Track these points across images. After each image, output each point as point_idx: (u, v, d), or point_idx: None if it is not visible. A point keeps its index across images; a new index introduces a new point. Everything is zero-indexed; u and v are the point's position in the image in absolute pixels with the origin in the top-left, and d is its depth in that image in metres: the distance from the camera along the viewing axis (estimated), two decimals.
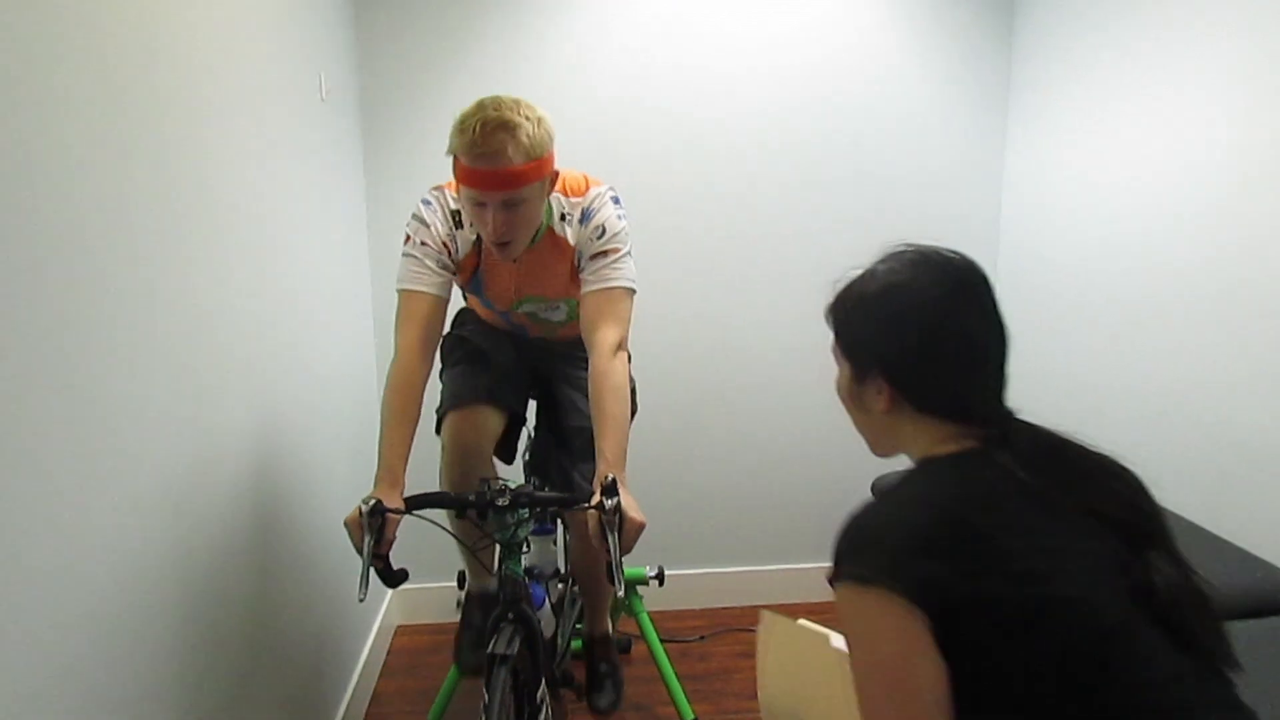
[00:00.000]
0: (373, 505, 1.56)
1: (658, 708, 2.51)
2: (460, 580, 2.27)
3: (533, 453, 2.26)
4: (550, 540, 2.27)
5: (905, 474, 1.12)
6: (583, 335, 1.82)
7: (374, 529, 1.55)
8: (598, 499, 1.57)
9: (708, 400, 3.03)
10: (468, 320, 2.21)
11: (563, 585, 2.42)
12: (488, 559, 1.89)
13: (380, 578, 1.63)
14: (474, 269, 1.92)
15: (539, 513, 1.80)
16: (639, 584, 2.51)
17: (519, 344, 2.14)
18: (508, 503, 1.66)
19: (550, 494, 1.72)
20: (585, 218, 1.83)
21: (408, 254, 1.82)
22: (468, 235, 1.85)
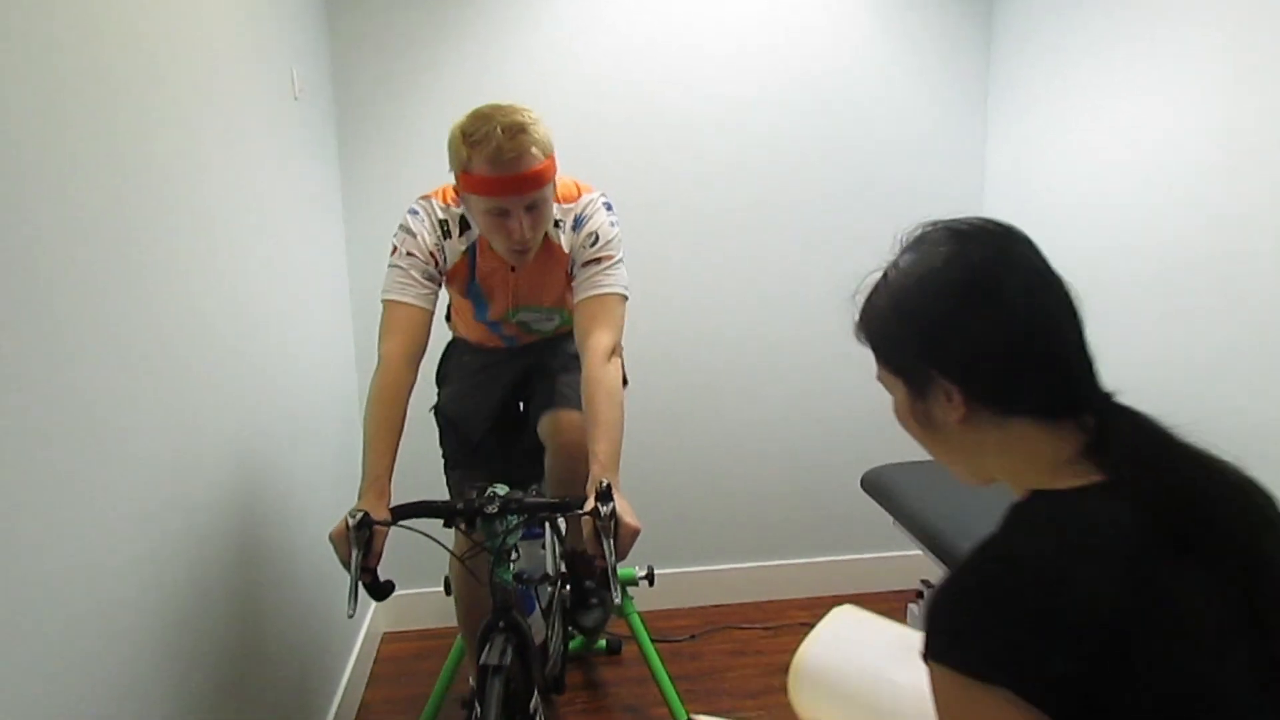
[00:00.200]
0: (360, 518, 1.52)
1: (650, 709, 2.48)
2: (447, 586, 2.23)
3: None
4: (539, 544, 2.24)
5: (1014, 520, 0.90)
6: (576, 341, 1.81)
7: (361, 542, 1.52)
8: (592, 504, 1.54)
9: (694, 397, 3.01)
10: (449, 373, 2.21)
11: (552, 589, 2.39)
12: (478, 566, 1.85)
13: (368, 591, 1.59)
14: (467, 278, 1.89)
15: (528, 519, 1.77)
16: (629, 585, 2.48)
17: (506, 361, 2.13)
18: (497, 510, 1.62)
19: (541, 500, 1.69)
20: (578, 224, 1.83)
21: (394, 265, 1.81)
22: (456, 245, 1.84)
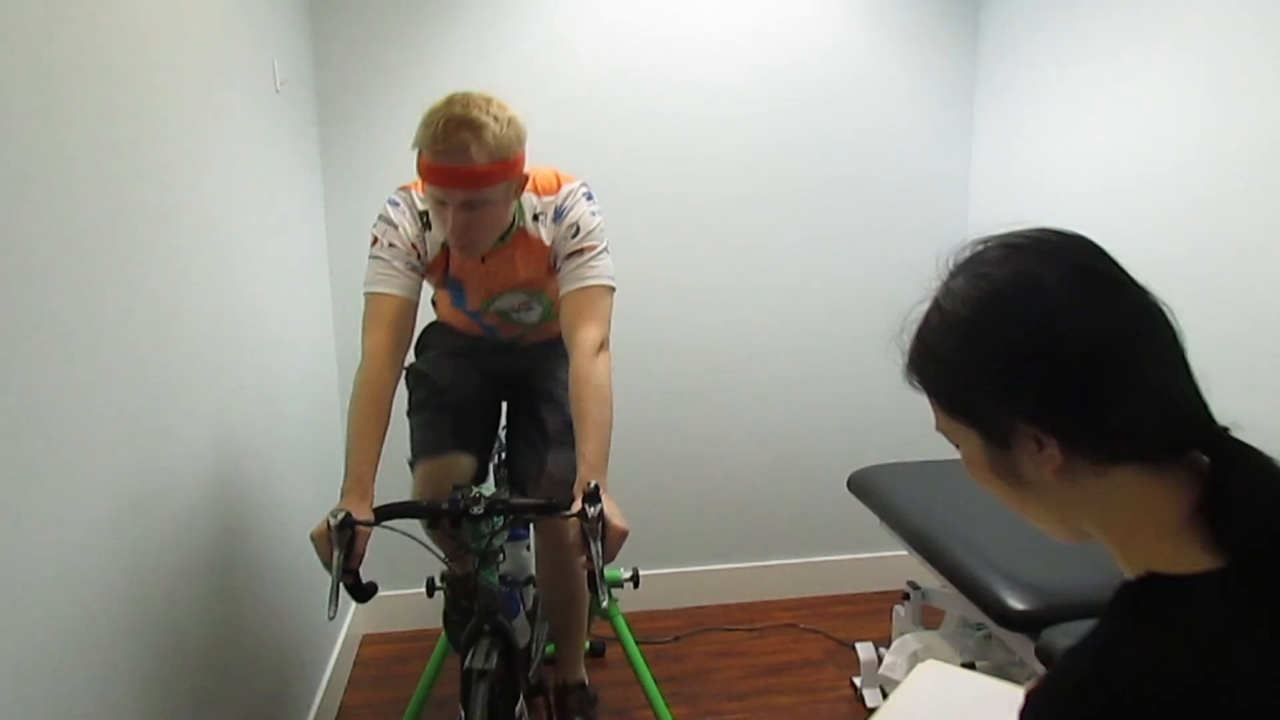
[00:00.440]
0: (342, 518, 1.48)
1: (635, 712, 2.46)
2: (429, 588, 2.20)
3: (506, 451, 2.19)
4: (523, 545, 2.21)
5: (1132, 620, 0.74)
6: (563, 336, 1.77)
7: (343, 543, 1.48)
8: (579, 506, 1.51)
9: (679, 397, 2.98)
10: (431, 342, 2.15)
11: (536, 590, 2.36)
12: (463, 569, 1.82)
13: (350, 593, 1.56)
14: (445, 269, 1.86)
15: (513, 520, 1.74)
16: (614, 586, 2.46)
17: (487, 353, 2.08)
18: (482, 511, 1.59)
19: (527, 501, 1.66)
20: (559, 216, 1.78)
21: (375, 256, 1.77)
22: (436, 237, 1.80)
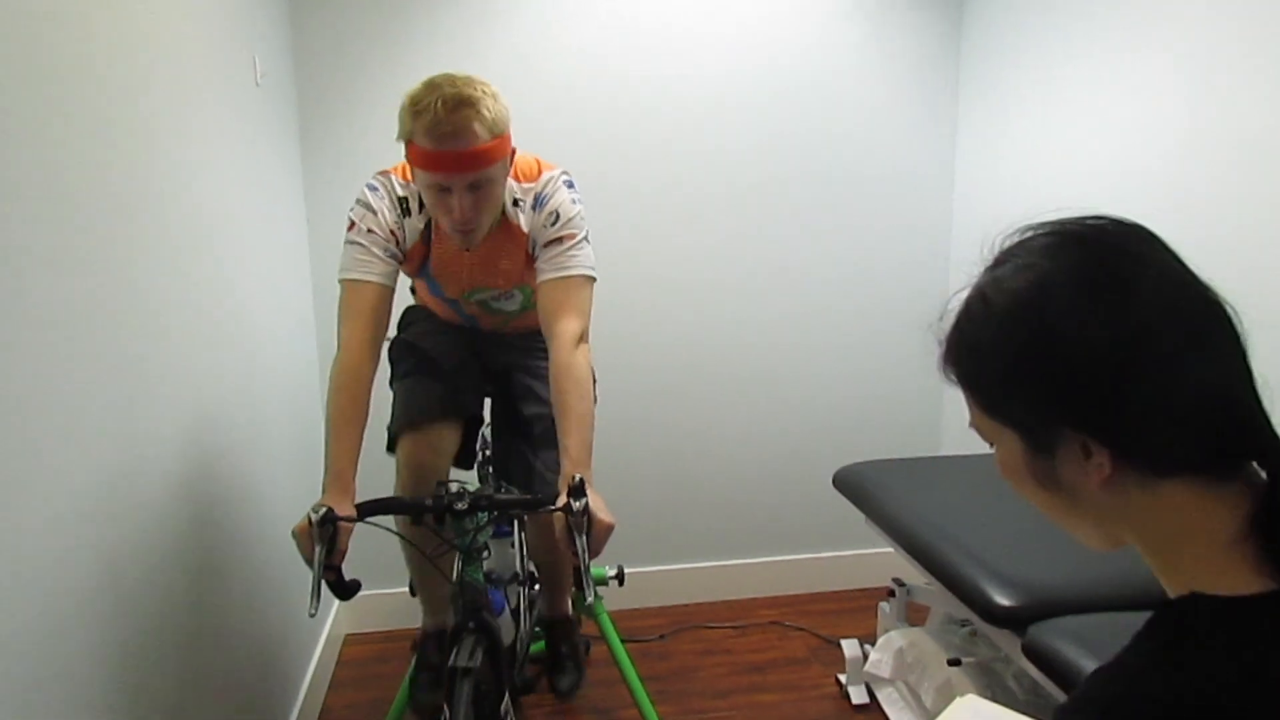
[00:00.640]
0: (323, 514, 1.46)
1: (620, 711, 2.44)
2: (412, 588, 2.18)
3: (491, 448, 2.17)
4: (508, 543, 2.19)
5: (1171, 641, 0.70)
6: (541, 326, 1.74)
7: (325, 539, 1.46)
8: (564, 500, 1.49)
9: (662, 395, 2.97)
10: (415, 319, 2.12)
11: (521, 588, 2.34)
12: (446, 566, 1.80)
13: (332, 590, 1.54)
14: (423, 258, 1.82)
15: (498, 516, 1.72)
16: (599, 584, 2.44)
17: (470, 338, 2.05)
18: (467, 507, 1.57)
19: (512, 496, 1.64)
20: (539, 203, 1.75)
21: (352, 241, 1.71)
22: (415, 223, 1.75)
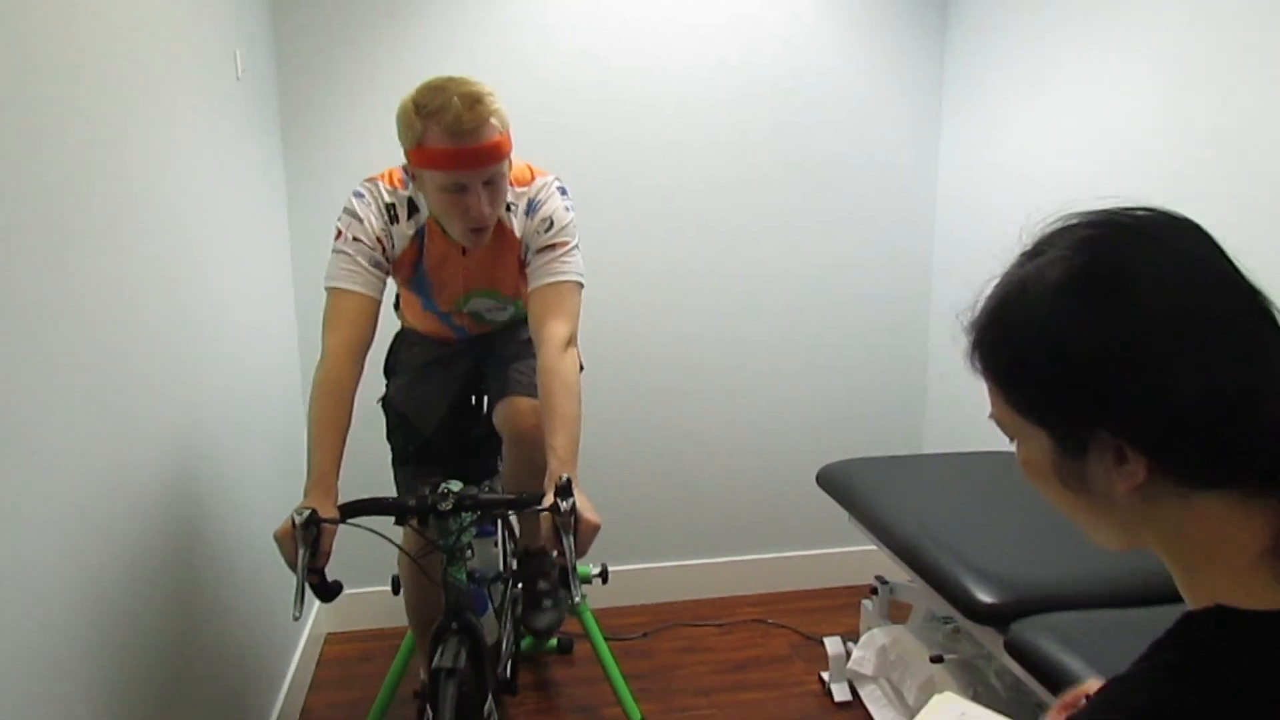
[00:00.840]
0: (307, 516, 1.45)
1: (603, 709, 2.44)
2: (395, 585, 2.17)
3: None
4: (491, 542, 2.18)
5: (1194, 656, 0.68)
6: (531, 331, 1.75)
7: (308, 541, 1.45)
8: (551, 500, 1.49)
9: (647, 392, 2.97)
10: (397, 363, 2.15)
11: (504, 587, 2.33)
12: (432, 566, 1.79)
13: (315, 592, 1.53)
14: (414, 266, 1.82)
15: (482, 516, 1.72)
16: (583, 583, 2.43)
17: (459, 355, 2.07)
18: (451, 507, 1.56)
19: (497, 496, 1.64)
20: (531, 209, 1.76)
21: (338, 250, 1.72)
22: (404, 230, 1.76)
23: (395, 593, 2.15)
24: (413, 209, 1.76)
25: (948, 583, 1.79)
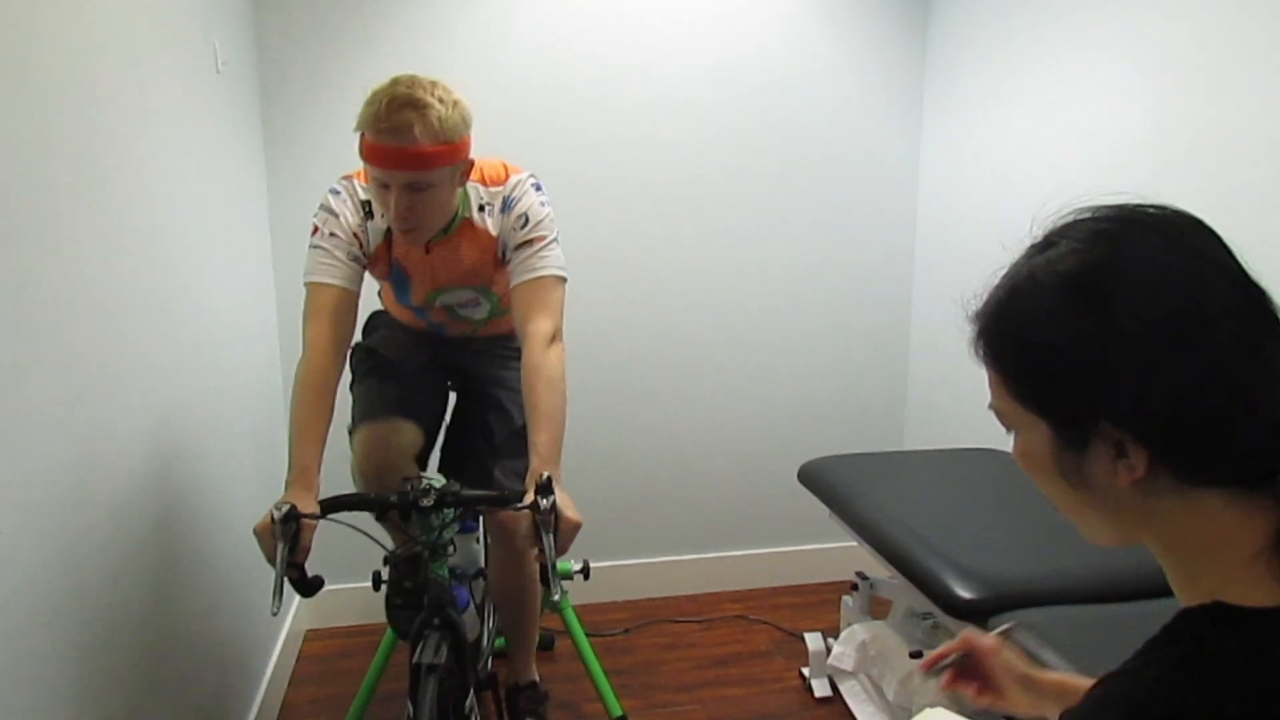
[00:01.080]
0: (286, 511, 1.44)
1: (584, 705, 2.44)
2: (375, 582, 2.16)
3: (445, 448, 2.11)
4: (473, 538, 2.18)
5: (1190, 652, 0.68)
6: (515, 327, 1.75)
7: (287, 536, 1.44)
8: (532, 498, 1.48)
9: (628, 390, 2.97)
10: (378, 326, 2.12)
11: (485, 583, 2.33)
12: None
13: (295, 587, 1.52)
14: (388, 261, 1.82)
15: (464, 512, 1.71)
16: (564, 579, 2.44)
17: (435, 344, 2.04)
18: (433, 503, 1.56)
19: (480, 493, 1.63)
20: (507, 207, 1.77)
21: (316, 245, 1.73)
22: (379, 225, 1.77)
23: (376, 589, 2.13)
24: None
25: (927, 578, 1.80)
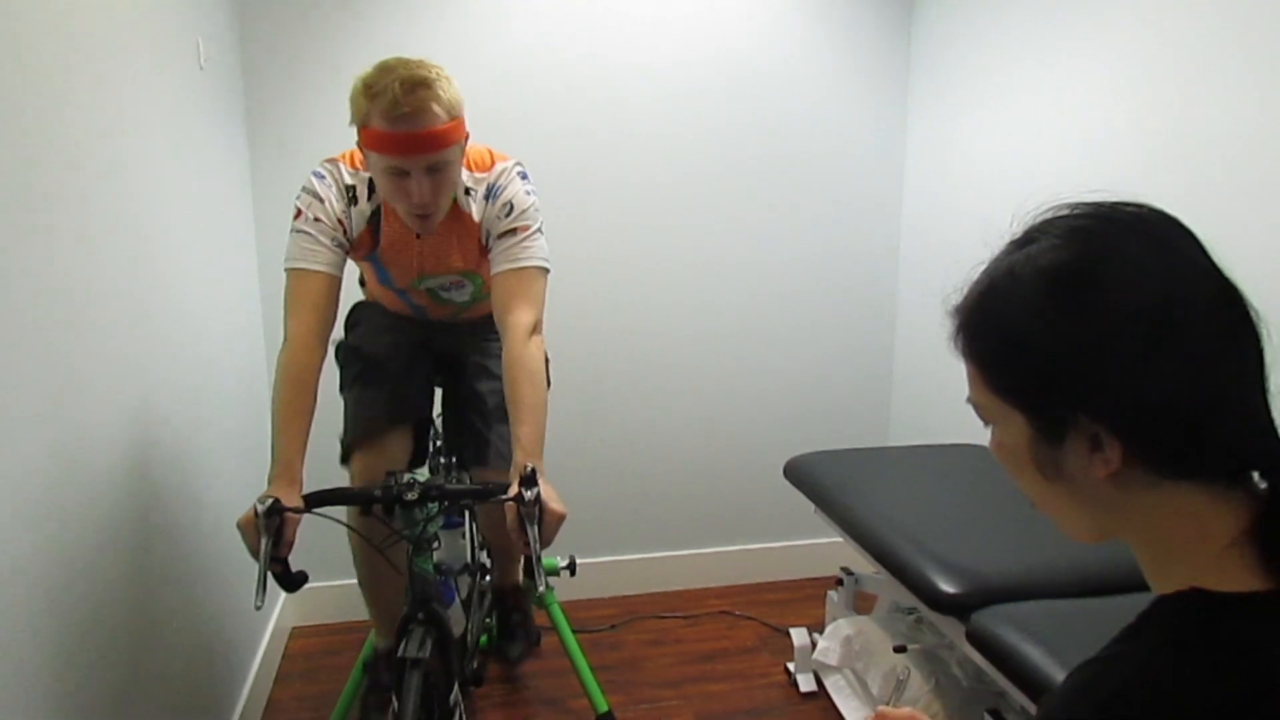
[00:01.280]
0: (270, 505, 1.43)
1: (570, 701, 2.44)
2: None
3: (445, 425, 2.15)
4: (459, 533, 2.17)
5: (1167, 637, 0.69)
6: (495, 318, 1.74)
7: (271, 530, 1.43)
8: (516, 490, 1.48)
9: (615, 385, 2.97)
10: (361, 318, 2.10)
11: (472, 579, 2.33)
12: (397, 558, 1.78)
13: (279, 582, 1.52)
14: (370, 246, 1.80)
15: (448, 506, 1.71)
16: (551, 575, 2.44)
17: (418, 328, 2.03)
18: (417, 497, 1.56)
19: (462, 487, 1.63)
20: (492, 194, 1.74)
21: (299, 230, 1.69)
22: (363, 210, 1.74)
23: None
24: (372, 189, 1.74)
25: (911, 573, 1.81)
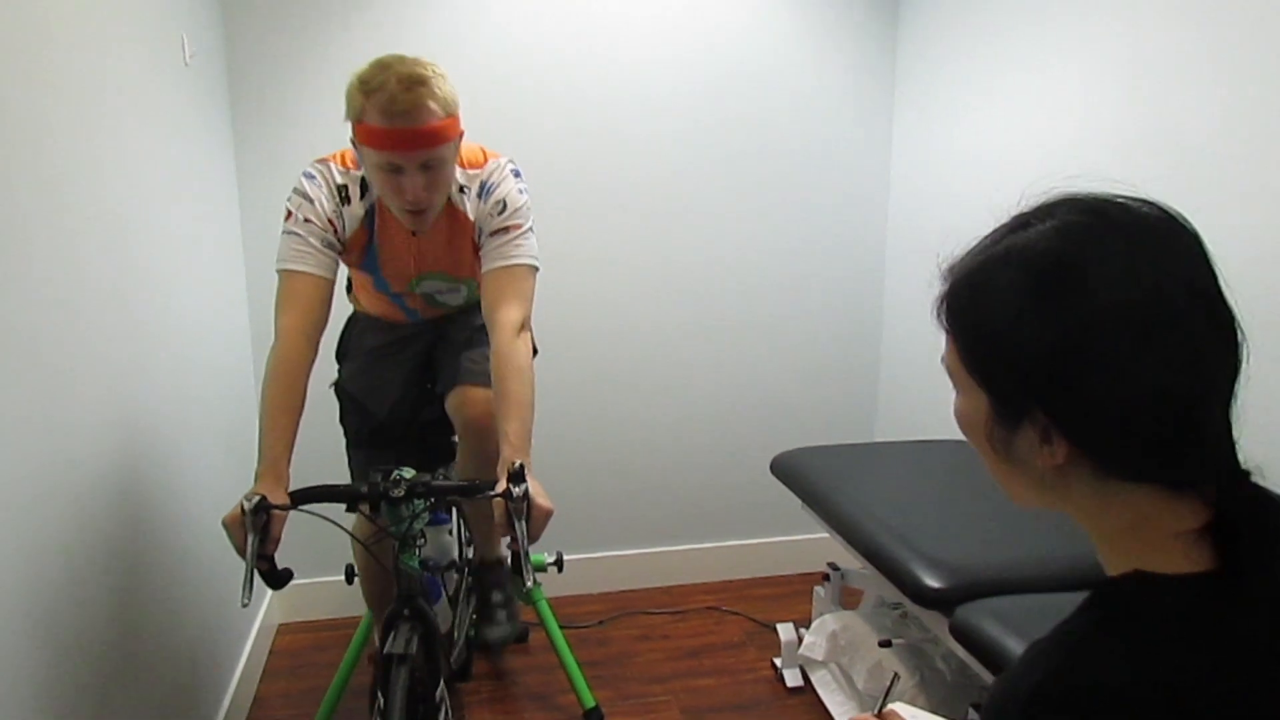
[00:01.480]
0: (256, 502, 1.43)
1: (557, 696, 2.45)
2: (348, 575, 2.15)
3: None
4: (445, 529, 2.18)
5: (1110, 618, 0.71)
6: (484, 315, 1.74)
7: (258, 528, 1.43)
8: (504, 486, 1.49)
9: (603, 381, 2.98)
10: (349, 349, 2.12)
11: (458, 576, 2.33)
12: (383, 553, 1.79)
13: (264, 580, 1.52)
14: (365, 247, 1.80)
15: (435, 502, 1.71)
16: (538, 571, 2.44)
17: (411, 339, 2.05)
18: (403, 494, 1.56)
19: (449, 483, 1.63)
20: (485, 192, 1.75)
21: (289, 231, 1.69)
22: (355, 211, 1.74)
23: (349, 582, 2.13)
24: (365, 188, 1.74)
25: (896, 568, 1.82)
